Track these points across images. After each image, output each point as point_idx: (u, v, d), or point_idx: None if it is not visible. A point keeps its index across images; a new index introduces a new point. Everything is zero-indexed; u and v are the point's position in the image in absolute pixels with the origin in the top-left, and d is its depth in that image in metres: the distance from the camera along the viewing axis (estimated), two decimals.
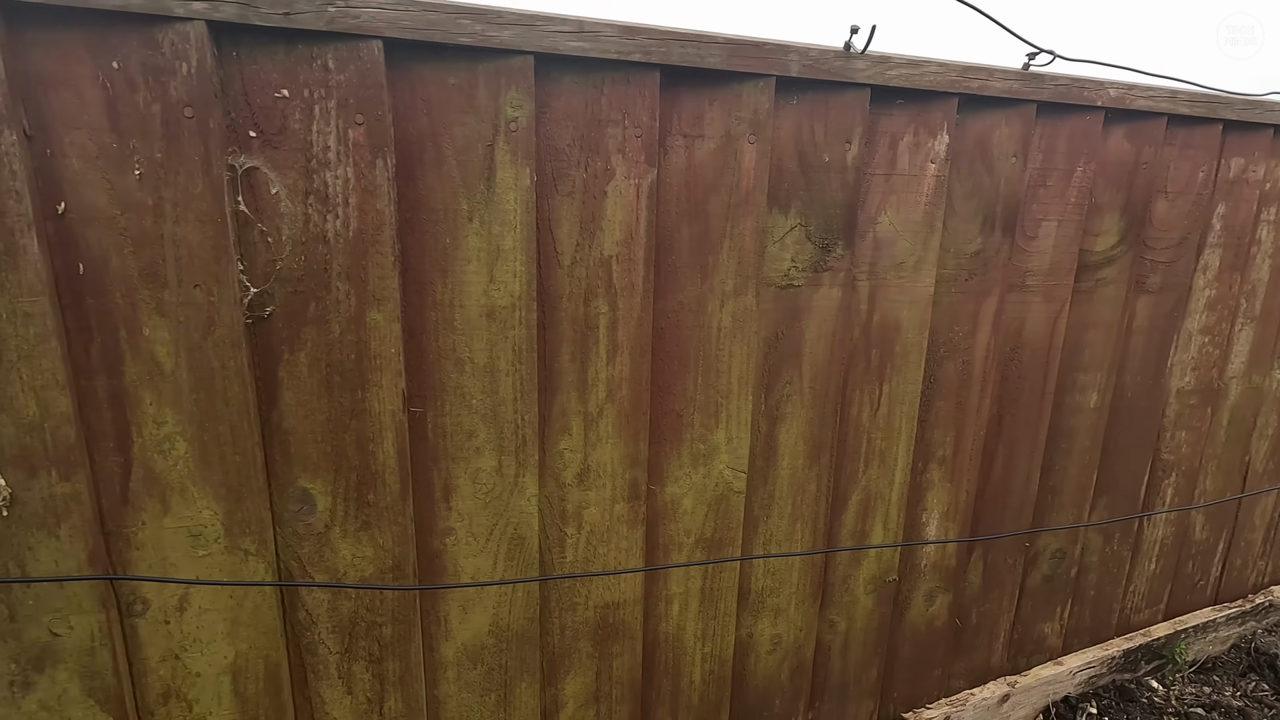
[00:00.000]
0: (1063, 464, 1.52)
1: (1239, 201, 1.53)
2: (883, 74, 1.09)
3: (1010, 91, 1.20)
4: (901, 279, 1.23)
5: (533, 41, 0.89)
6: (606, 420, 1.07)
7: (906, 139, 1.17)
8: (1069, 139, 1.30)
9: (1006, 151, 1.25)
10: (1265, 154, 1.52)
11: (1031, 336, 1.39)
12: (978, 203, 1.26)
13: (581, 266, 1.00)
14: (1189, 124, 1.41)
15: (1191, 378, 1.61)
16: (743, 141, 1.05)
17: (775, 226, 1.12)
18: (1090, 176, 1.34)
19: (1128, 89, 1.30)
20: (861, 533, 1.35)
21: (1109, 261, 1.42)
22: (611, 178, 0.99)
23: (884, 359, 1.26)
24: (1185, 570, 1.80)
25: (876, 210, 1.18)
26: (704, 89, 1.01)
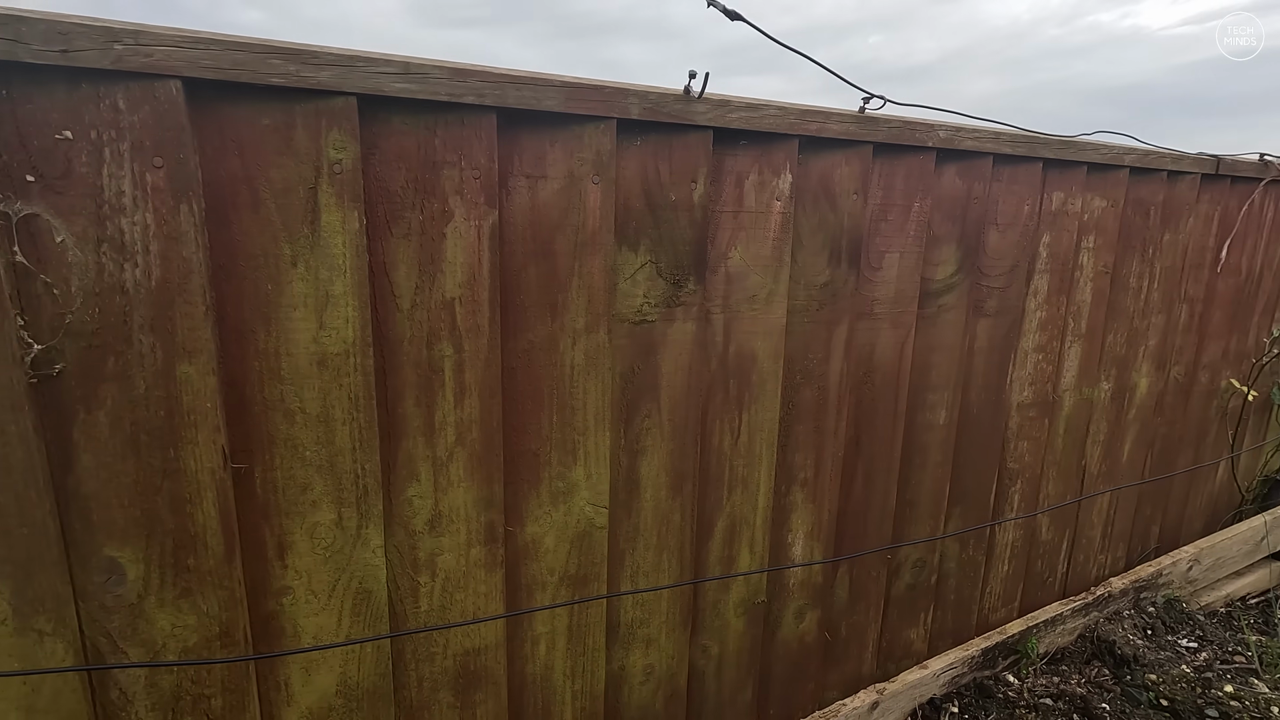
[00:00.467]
0: (918, 478, 1.61)
1: (1061, 231, 1.68)
2: (723, 116, 1.13)
3: (847, 134, 1.27)
4: (755, 311, 1.27)
5: (354, 83, 0.86)
6: (457, 464, 1.05)
7: (752, 178, 1.21)
8: (905, 177, 1.39)
9: (848, 189, 1.32)
10: (1081, 188, 1.67)
11: (882, 361, 1.47)
12: (824, 237, 1.32)
13: (422, 310, 0.98)
14: (1013, 162, 1.54)
15: (1029, 392, 1.75)
16: (587, 182, 1.05)
17: (626, 264, 1.13)
18: (927, 211, 1.43)
19: (955, 131, 1.41)
20: (729, 558, 1.38)
21: (949, 289, 1.53)
22: (450, 219, 0.97)
23: (742, 388, 1.30)
24: (1035, 569, 1.94)
25: (727, 246, 1.22)
26: (545, 130, 1.01)
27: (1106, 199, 1.73)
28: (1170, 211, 1.89)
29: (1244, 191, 2.06)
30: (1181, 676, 1.82)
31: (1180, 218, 1.92)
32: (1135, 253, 1.85)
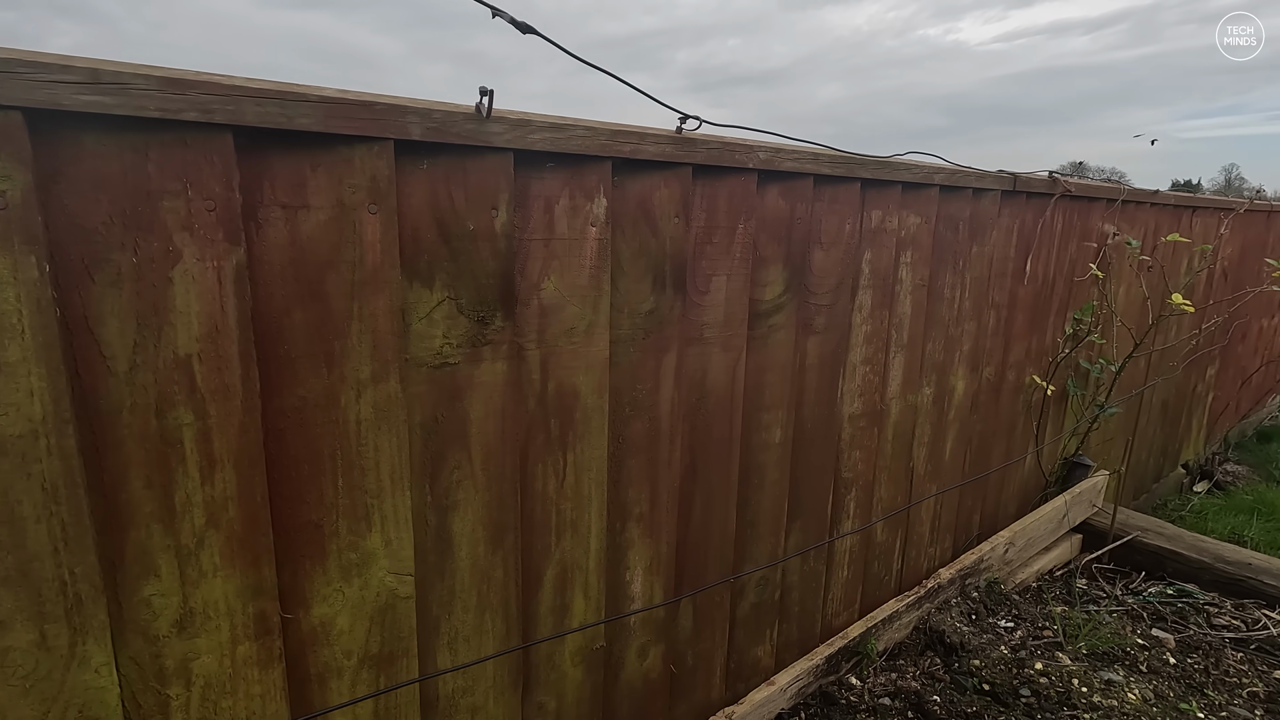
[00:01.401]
0: (757, 498, 1.60)
1: (881, 248, 1.73)
2: (524, 138, 1.03)
3: (665, 155, 1.21)
4: (574, 344, 1.18)
5: (17, 94, 0.67)
6: (211, 550, 0.88)
7: (563, 202, 1.12)
8: (729, 198, 1.35)
9: (669, 212, 1.26)
10: (897, 206, 1.74)
11: (715, 385, 1.44)
12: (647, 263, 1.26)
13: (147, 371, 0.80)
14: (833, 182, 1.56)
15: (859, 403, 1.80)
16: (362, 211, 0.91)
17: (419, 302, 1.00)
18: (753, 232, 1.41)
19: (776, 152, 1.40)
20: (562, 606, 1.28)
21: (778, 309, 1.52)
22: (178, 260, 0.80)
23: (565, 427, 1.21)
24: (873, 570, 2.02)
25: (539, 277, 1.12)
26: (303, 153, 0.86)
27: (921, 215, 1.81)
28: (977, 226, 2.02)
29: (1039, 206, 2.25)
30: (1000, 659, 1.96)
31: (986, 231, 2.06)
32: (948, 265, 1.96)
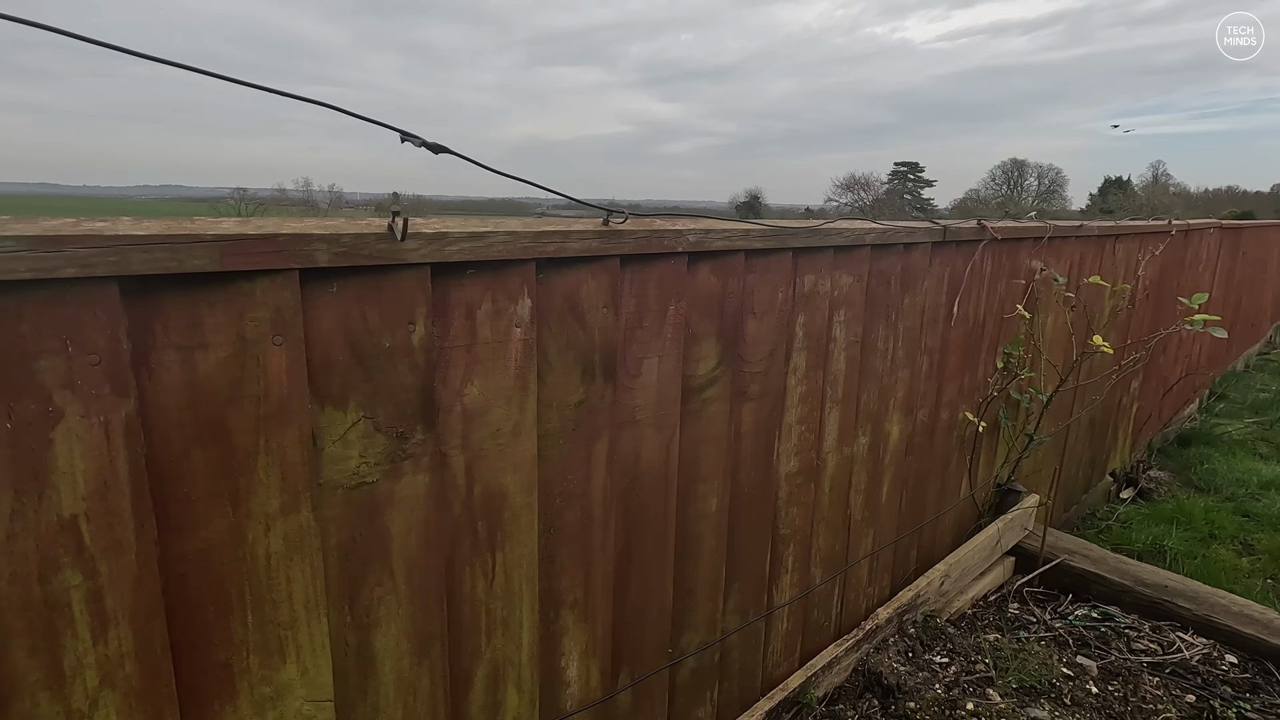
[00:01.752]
0: (694, 568, 1.61)
1: (815, 311, 1.76)
2: (441, 250, 1.01)
3: (591, 250, 1.20)
4: (500, 445, 1.16)
5: None
6: (106, 710, 0.83)
7: (485, 308, 1.10)
8: (659, 282, 1.35)
9: (597, 304, 1.25)
10: (830, 269, 1.76)
11: (649, 465, 1.44)
12: (575, 355, 1.24)
13: (28, 537, 0.75)
14: (765, 254, 1.57)
15: (795, 461, 1.83)
16: (266, 344, 0.88)
17: (332, 426, 0.97)
18: (684, 312, 1.41)
19: (706, 233, 1.40)
20: (494, 704, 1.27)
21: (712, 382, 1.53)
22: (60, 420, 0.75)
23: (493, 528, 1.19)
24: (812, 618, 2.06)
25: (462, 383, 1.10)
26: (199, 293, 0.82)
27: (853, 275, 1.85)
28: (909, 278, 2.06)
29: (968, 251, 2.31)
30: (934, 699, 2.02)
31: (918, 282, 2.11)
32: (881, 319, 2.00)
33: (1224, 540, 3.78)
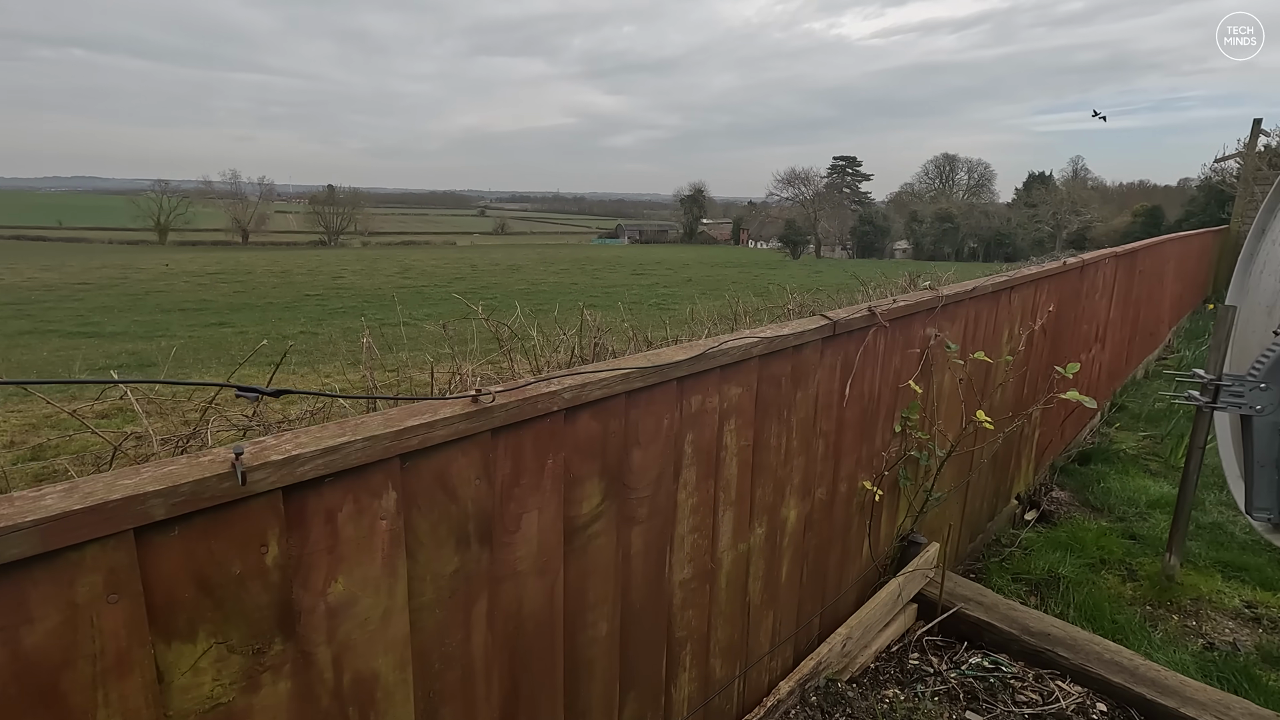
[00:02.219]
0: (587, 689, 1.66)
1: (704, 427, 1.82)
2: (293, 473, 1.01)
3: (459, 433, 1.22)
4: (370, 632, 1.18)
5: None
6: None
7: (347, 509, 1.11)
8: (535, 441, 1.38)
9: (469, 477, 1.28)
10: (717, 385, 1.83)
11: (533, 610, 1.47)
12: (447, 528, 1.27)
13: None
14: (649, 389, 1.62)
15: (690, 569, 1.89)
16: (100, 604, 0.87)
17: (180, 660, 0.97)
18: (563, 462, 1.45)
19: (581, 387, 1.44)
20: None
21: (597, 517, 1.58)
22: None
23: (365, 709, 1.21)
24: (714, 704, 2.14)
25: (325, 584, 1.11)
26: (20, 573, 0.82)
27: (742, 386, 1.92)
28: (800, 375, 2.15)
29: (860, 337, 2.42)
30: None
31: (809, 376, 2.20)
32: (773, 418, 2.08)
33: (1112, 565, 4.07)
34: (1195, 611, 3.61)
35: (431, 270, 40.09)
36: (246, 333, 18.42)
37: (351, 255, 58.54)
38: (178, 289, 29.30)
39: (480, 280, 34.17)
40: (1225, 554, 4.16)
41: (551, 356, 3.71)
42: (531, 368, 3.43)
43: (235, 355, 14.75)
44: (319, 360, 13.93)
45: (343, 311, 23.28)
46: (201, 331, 18.78)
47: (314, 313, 23.02)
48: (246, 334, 18.15)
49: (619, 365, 1.53)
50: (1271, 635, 3.43)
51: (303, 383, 11.72)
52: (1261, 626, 3.50)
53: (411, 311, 23.09)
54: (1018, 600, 3.72)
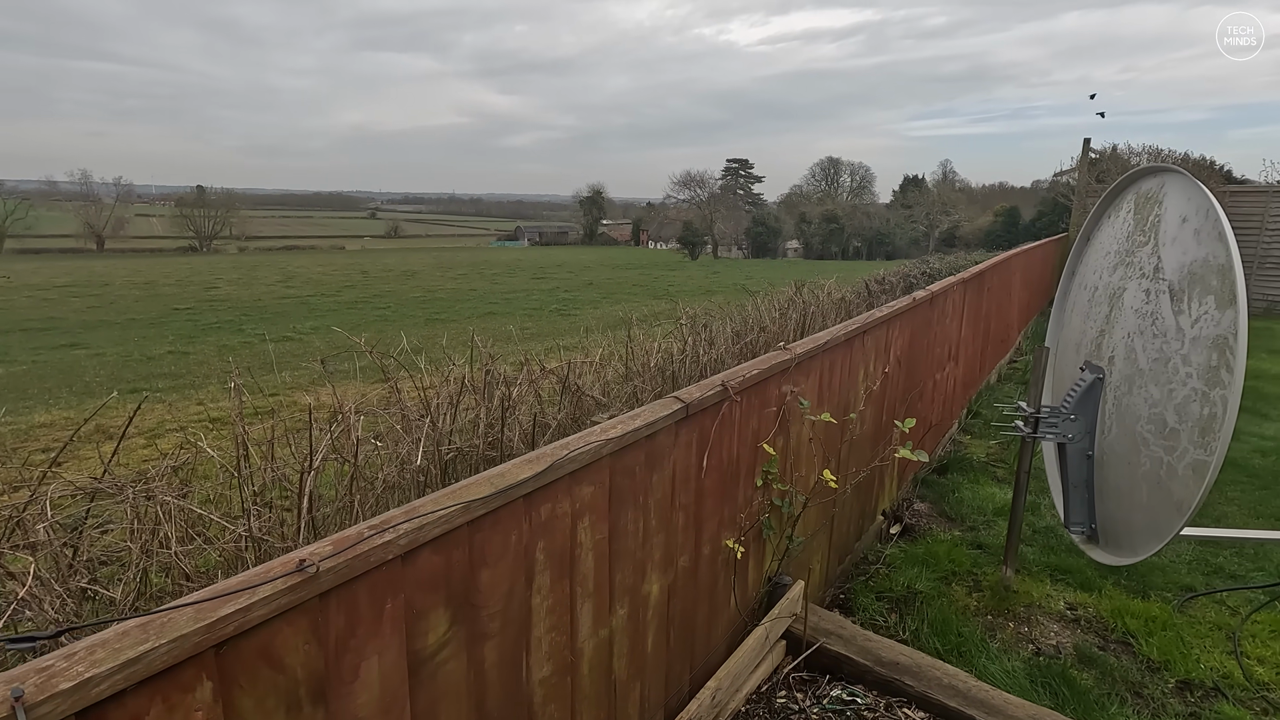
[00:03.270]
0: None
1: (555, 531, 1.88)
2: (88, 695, 0.99)
3: (282, 607, 1.22)
4: None
5: None
6: None
7: (155, 711, 1.09)
8: (370, 592, 1.39)
9: (296, 645, 1.27)
10: (566, 491, 1.90)
11: None
12: (275, 699, 1.26)
13: None
14: (494, 511, 1.66)
15: (549, 665, 1.95)
16: None
17: None
18: (404, 602, 1.47)
19: (419, 530, 1.46)
20: None
21: (445, 644, 1.60)
22: None
23: None
24: None
25: None
26: None
27: (594, 484, 2.00)
28: (655, 459, 2.26)
29: (714, 411, 2.56)
30: None
31: (664, 458, 2.31)
32: (628, 505, 2.17)
33: (961, 577, 4.49)
34: (1028, 618, 4.05)
35: (318, 278, 38.02)
36: (104, 355, 16.79)
37: (227, 262, 54.56)
38: (18, 305, 26.27)
39: (372, 288, 32.76)
40: (1055, 558, 4.69)
41: (441, 389, 3.67)
42: (419, 401, 3.37)
43: (90, 382, 13.40)
44: (190, 384, 12.91)
45: (217, 327, 21.66)
46: (49, 355, 16.94)
47: (184, 329, 21.28)
48: (104, 356, 16.54)
49: (460, 495, 1.56)
50: (1087, 634, 3.91)
51: (173, 412, 10.67)
52: (1080, 627, 3.99)
53: (296, 325, 21.81)
54: (880, 619, 4.05)
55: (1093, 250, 4.19)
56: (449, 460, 3.10)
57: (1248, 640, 3.81)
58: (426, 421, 3.17)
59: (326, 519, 2.62)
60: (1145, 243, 3.54)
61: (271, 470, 2.56)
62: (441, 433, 3.21)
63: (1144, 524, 3.41)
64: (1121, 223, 3.83)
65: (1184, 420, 3.11)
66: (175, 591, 1.90)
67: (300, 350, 16.74)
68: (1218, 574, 4.55)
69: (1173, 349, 3.21)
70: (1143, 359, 3.43)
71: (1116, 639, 3.86)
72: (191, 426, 8.85)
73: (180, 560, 2.25)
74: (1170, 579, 4.43)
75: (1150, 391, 3.34)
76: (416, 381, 3.44)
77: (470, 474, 3.13)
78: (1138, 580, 4.36)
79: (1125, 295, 3.64)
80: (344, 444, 2.56)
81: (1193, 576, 4.48)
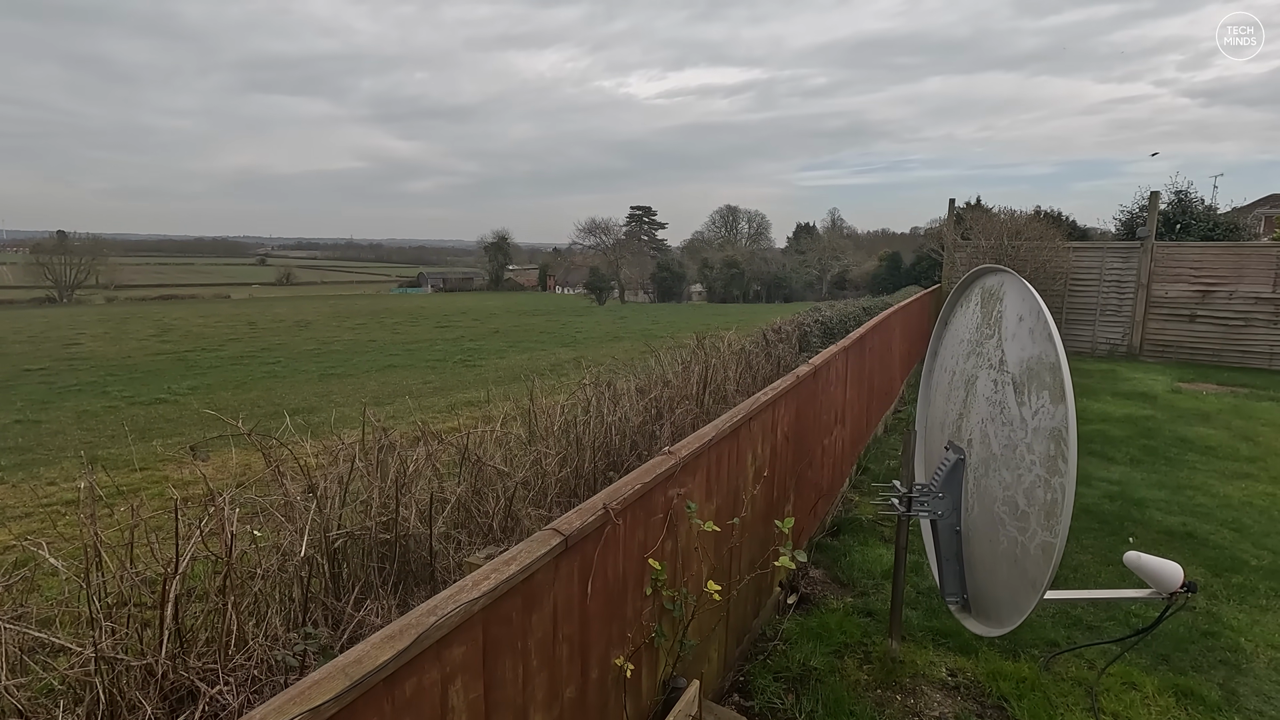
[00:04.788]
0: None
1: (422, 705, 1.80)
2: None
3: None
4: None
5: None
6: None
7: None
8: None
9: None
10: (434, 659, 1.82)
11: None
12: None
13: None
14: (349, 706, 1.57)
15: None
16: None
17: None
18: None
19: None
20: None
21: None
22: None
23: None
24: None
25: None
26: None
27: (466, 644, 1.93)
28: (533, 600, 2.22)
29: (597, 535, 2.55)
30: None
31: (544, 596, 2.28)
32: (505, 654, 2.11)
33: (852, 649, 4.64)
34: (913, 689, 4.23)
35: (198, 330, 35.52)
36: None
37: (92, 314, 50.05)
38: None
39: (260, 341, 30.91)
40: (937, 621, 4.94)
41: (330, 468, 3.45)
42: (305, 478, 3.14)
43: None
44: (40, 460, 11.56)
45: (77, 390, 19.65)
46: None
47: (36, 393, 19.17)
48: None
49: (309, 699, 1.46)
50: (966, 701, 4.12)
51: (17, 495, 9.48)
52: (960, 694, 4.20)
53: (171, 385, 20.16)
54: (779, 700, 4.10)
55: (949, 335, 4.55)
56: (338, 546, 2.93)
57: (1104, 695, 4.14)
58: (314, 504, 2.99)
59: (196, 626, 2.40)
60: (991, 335, 3.88)
61: (131, 576, 2.33)
62: (329, 517, 3.03)
63: (1007, 598, 3.66)
64: (972, 313, 4.19)
65: (1032, 504, 3.39)
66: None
67: (175, 414, 15.42)
68: (1078, 626, 4.94)
69: (1019, 437, 3.52)
70: (995, 444, 3.73)
71: (992, 704, 4.08)
72: (39, 512, 7.90)
73: (12, 694, 2.01)
74: (1038, 635, 4.76)
75: (1004, 475, 3.63)
76: (300, 455, 3.23)
77: (363, 560, 2.98)
78: (1009, 639, 4.66)
79: (978, 382, 3.96)
80: (218, 535, 2.37)
81: (1056, 630, 4.84)
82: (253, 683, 2.19)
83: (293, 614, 2.64)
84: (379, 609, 2.77)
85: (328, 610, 2.78)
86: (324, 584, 2.82)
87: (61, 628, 2.24)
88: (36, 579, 2.43)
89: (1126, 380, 14.31)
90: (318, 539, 2.84)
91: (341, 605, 2.76)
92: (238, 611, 2.29)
